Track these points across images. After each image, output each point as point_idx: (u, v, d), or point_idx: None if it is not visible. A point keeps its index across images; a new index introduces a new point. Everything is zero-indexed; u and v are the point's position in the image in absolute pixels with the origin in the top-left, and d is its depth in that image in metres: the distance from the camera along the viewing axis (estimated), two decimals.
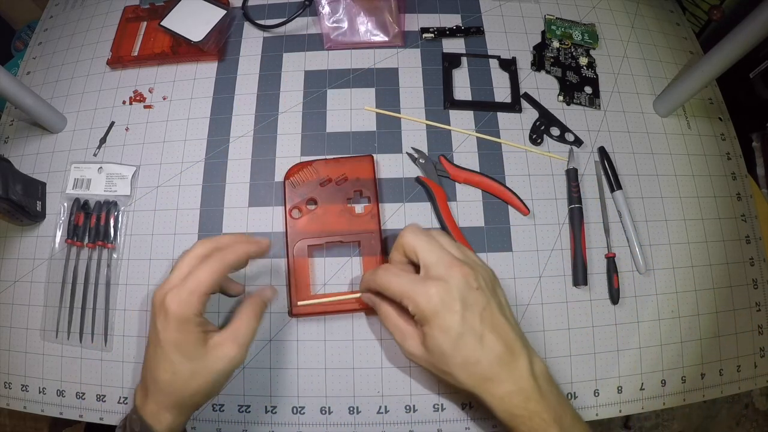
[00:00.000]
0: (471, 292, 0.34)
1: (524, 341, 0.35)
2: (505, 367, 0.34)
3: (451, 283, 0.34)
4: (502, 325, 0.35)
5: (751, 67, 0.65)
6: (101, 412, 0.44)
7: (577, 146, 0.50)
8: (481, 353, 0.33)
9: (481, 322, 0.34)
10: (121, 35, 0.57)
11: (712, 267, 0.48)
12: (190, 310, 0.33)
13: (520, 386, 0.33)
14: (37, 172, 0.51)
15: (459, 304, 0.33)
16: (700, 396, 0.45)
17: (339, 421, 0.42)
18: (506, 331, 0.34)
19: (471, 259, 0.37)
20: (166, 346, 0.33)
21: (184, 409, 0.35)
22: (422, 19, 0.56)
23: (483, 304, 0.34)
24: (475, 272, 0.35)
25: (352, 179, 0.46)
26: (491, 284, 0.36)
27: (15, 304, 0.47)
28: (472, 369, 0.34)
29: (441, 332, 0.34)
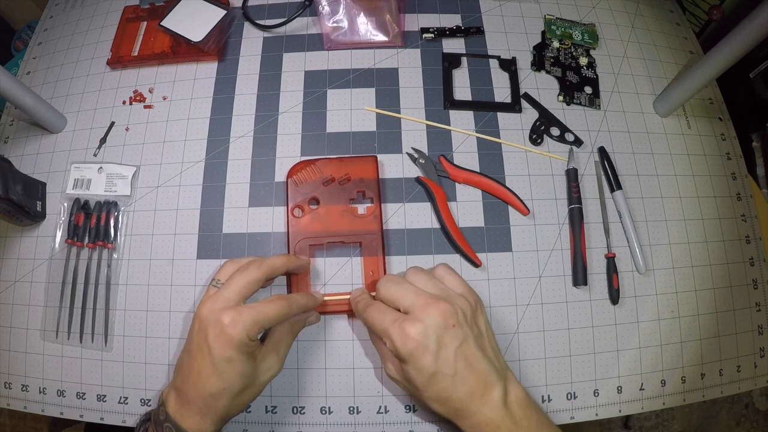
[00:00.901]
0: (447, 331, 0.35)
1: (500, 371, 0.36)
2: (476, 400, 0.35)
3: (427, 323, 0.35)
4: (476, 359, 0.35)
5: (751, 67, 0.65)
6: (101, 412, 0.44)
7: (577, 146, 0.50)
8: (452, 390, 0.35)
9: (455, 359, 0.35)
10: (121, 35, 0.57)
11: (712, 267, 0.48)
12: (251, 336, 0.34)
13: (490, 417, 0.34)
14: (37, 172, 0.51)
15: (434, 345, 0.34)
16: (700, 396, 0.45)
17: (339, 421, 0.42)
18: (480, 366, 0.35)
19: (448, 292, 0.38)
20: (219, 362, 0.33)
21: (226, 419, 0.36)
22: (422, 19, 0.56)
23: (459, 341, 0.35)
24: (454, 307, 0.36)
25: (356, 179, 0.46)
26: (471, 315, 0.37)
27: (15, 304, 0.47)
28: (444, 403, 0.35)
29: (416, 371, 0.35)
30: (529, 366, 0.44)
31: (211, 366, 0.33)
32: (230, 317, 0.33)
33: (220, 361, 0.33)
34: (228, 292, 0.35)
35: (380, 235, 0.45)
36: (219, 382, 0.34)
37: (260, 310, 0.35)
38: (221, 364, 0.33)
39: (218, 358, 0.33)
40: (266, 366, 0.37)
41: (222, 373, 0.34)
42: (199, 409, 0.34)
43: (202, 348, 0.34)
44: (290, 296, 0.38)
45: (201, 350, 0.34)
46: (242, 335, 0.33)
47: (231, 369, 0.34)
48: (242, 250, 0.46)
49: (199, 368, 0.34)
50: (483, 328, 0.38)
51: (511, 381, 0.37)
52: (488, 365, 0.36)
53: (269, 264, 0.38)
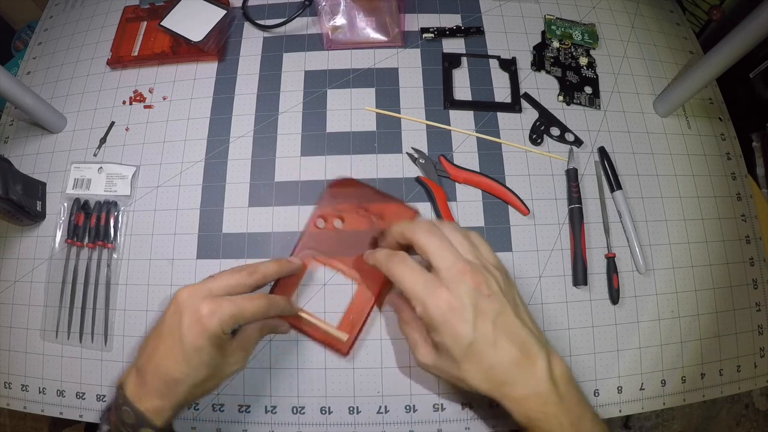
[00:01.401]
0: (482, 299, 0.33)
1: (542, 342, 0.35)
2: (522, 370, 0.33)
3: (462, 290, 0.33)
4: (517, 329, 0.34)
5: (751, 67, 0.65)
6: (101, 412, 0.44)
7: (577, 146, 0.50)
8: (495, 359, 0.33)
9: (494, 329, 0.33)
10: (121, 35, 0.57)
11: (712, 267, 0.48)
12: (225, 329, 0.34)
13: (538, 390, 0.33)
14: (37, 172, 0.51)
15: (470, 313, 0.33)
16: (700, 396, 0.45)
17: (339, 421, 0.42)
18: (522, 335, 0.34)
19: (484, 261, 0.36)
20: (189, 350, 0.33)
21: (183, 405, 0.35)
22: (422, 19, 0.56)
23: (497, 311, 0.34)
24: (487, 278, 0.34)
25: (388, 222, 0.44)
26: (506, 286, 0.35)
27: (15, 304, 0.47)
28: (487, 374, 0.33)
29: (452, 340, 0.33)
30: None
31: (179, 352, 0.33)
32: (209, 307, 0.33)
33: (190, 349, 0.33)
34: (213, 284, 0.35)
35: (381, 285, 0.43)
36: (185, 369, 0.33)
37: (240, 305, 0.34)
38: (190, 351, 0.33)
39: (188, 346, 0.33)
40: (233, 360, 0.36)
41: (189, 360, 0.33)
42: (158, 392, 0.34)
43: (173, 332, 0.33)
44: (271, 297, 0.37)
45: (172, 334, 0.33)
46: (217, 327, 0.33)
47: (199, 358, 0.33)
48: (242, 250, 0.46)
49: (166, 351, 0.33)
50: (518, 300, 0.36)
51: (553, 354, 0.35)
52: (529, 334, 0.34)
53: (262, 272, 0.38)
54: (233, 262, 0.46)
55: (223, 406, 0.43)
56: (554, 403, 0.33)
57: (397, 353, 0.43)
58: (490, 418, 0.42)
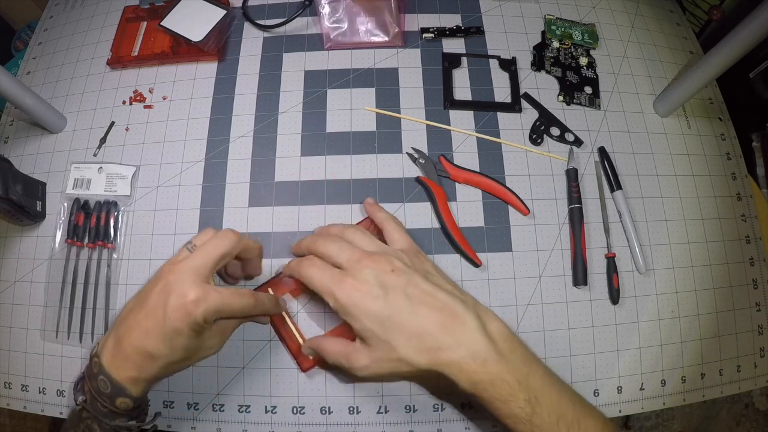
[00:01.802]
0: (386, 275, 0.35)
1: (467, 303, 0.35)
2: (451, 332, 0.33)
3: (364, 273, 0.35)
4: (432, 293, 0.35)
5: (751, 67, 0.65)
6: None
7: (577, 146, 0.50)
8: (418, 326, 0.33)
9: (408, 299, 0.34)
10: (121, 35, 0.57)
11: (712, 267, 0.48)
12: (208, 320, 0.34)
13: (473, 348, 0.33)
14: (37, 172, 0.51)
15: (378, 289, 0.34)
16: (700, 396, 0.45)
17: (339, 421, 0.42)
18: (440, 297, 0.35)
19: (384, 248, 0.38)
20: (169, 331, 0.33)
21: (154, 382, 0.36)
22: (422, 19, 0.56)
23: (405, 282, 0.35)
24: (388, 258, 0.36)
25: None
26: (410, 261, 0.37)
27: (15, 304, 0.47)
28: (418, 343, 0.33)
29: (370, 321, 0.34)
30: None
31: (160, 330, 0.33)
32: (195, 295, 0.33)
33: (170, 331, 0.33)
34: (198, 260, 0.34)
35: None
36: (162, 349, 0.33)
37: (227, 300, 0.34)
38: (170, 333, 0.33)
39: (169, 327, 0.33)
40: (209, 345, 0.37)
41: (168, 341, 0.33)
42: (135, 364, 0.34)
43: (157, 311, 0.33)
44: (258, 296, 0.37)
45: (155, 313, 0.33)
46: (201, 316, 0.33)
47: (177, 340, 0.33)
48: None
49: (148, 328, 0.33)
50: (431, 269, 0.38)
51: (485, 313, 0.35)
52: (448, 296, 0.35)
53: (244, 243, 0.38)
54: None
55: (223, 406, 0.43)
56: (495, 361, 0.32)
57: None
58: (490, 418, 0.42)
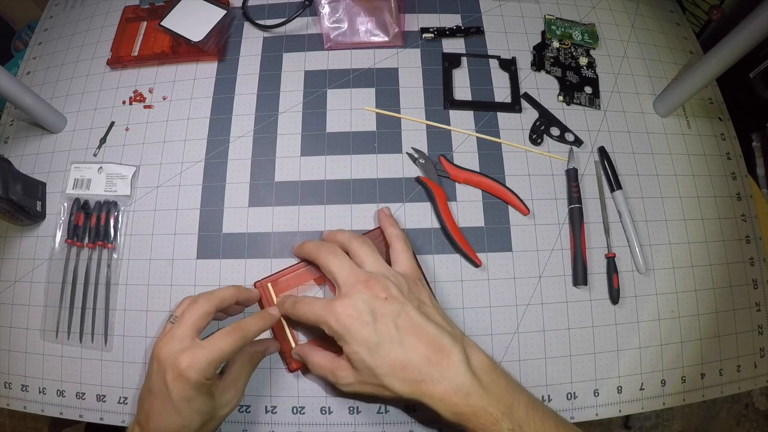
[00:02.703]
0: (379, 303, 0.35)
1: (454, 336, 0.35)
2: (436, 366, 0.34)
3: (356, 298, 0.36)
4: (422, 325, 0.35)
5: (751, 67, 0.65)
6: (101, 412, 0.44)
7: (577, 146, 0.50)
8: (404, 357, 0.34)
9: (396, 328, 0.35)
10: (121, 35, 0.57)
11: (712, 267, 0.48)
12: (207, 376, 0.34)
13: (457, 383, 0.33)
14: (37, 172, 0.51)
15: (368, 316, 0.35)
16: (700, 396, 0.45)
17: (339, 421, 0.42)
18: (429, 331, 0.35)
19: (385, 271, 0.38)
20: (178, 402, 0.34)
21: None
22: (422, 19, 0.56)
23: (396, 311, 0.35)
24: (384, 283, 0.36)
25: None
26: (408, 290, 0.37)
27: (15, 304, 0.47)
28: (402, 374, 0.34)
29: (359, 345, 0.35)
30: (529, 366, 0.44)
31: (170, 406, 0.34)
32: (186, 361, 0.33)
33: (179, 401, 0.34)
34: (181, 329, 0.35)
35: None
36: (179, 420, 0.34)
37: (215, 347, 0.34)
38: (180, 403, 0.34)
39: (177, 399, 0.34)
40: (224, 401, 0.37)
41: (181, 411, 0.34)
42: None
43: (161, 389, 0.34)
44: (243, 323, 0.37)
45: (161, 391, 0.34)
46: (199, 377, 0.34)
47: (189, 408, 0.34)
48: (242, 250, 0.46)
49: (160, 408, 0.34)
50: (425, 299, 0.38)
51: (470, 346, 0.36)
52: (437, 329, 0.35)
53: (218, 296, 0.38)
54: (233, 262, 0.46)
55: None
56: (478, 395, 0.33)
57: None
58: None
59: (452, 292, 0.45)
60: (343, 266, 0.38)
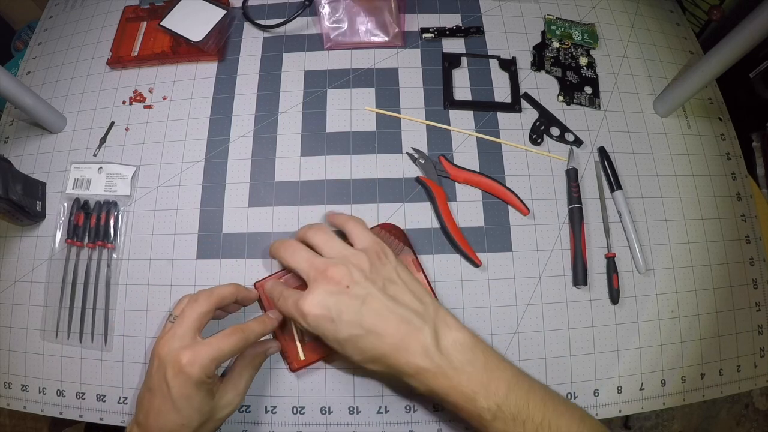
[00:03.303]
0: (342, 295, 0.35)
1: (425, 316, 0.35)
2: (403, 351, 0.34)
3: (319, 292, 0.35)
4: (387, 310, 0.35)
5: (751, 67, 0.65)
6: (101, 412, 0.44)
7: (577, 146, 0.50)
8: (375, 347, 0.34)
9: (361, 318, 0.34)
10: (121, 35, 0.57)
11: (712, 267, 0.48)
12: (208, 374, 0.34)
13: (423, 365, 0.33)
14: (37, 172, 0.51)
15: (334, 312, 0.35)
16: (700, 396, 0.45)
17: (339, 421, 0.42)
18: (395, 314, 0.35)
19: (343, 252, 0.37)
20: (178, 400, 0.34)
21: None
22: (422, 19, 0.56)
23: (360, 299, 0.35)
24: (344, 269, 0.36)
25: None
26: (370, 269, 0.36)
27: (15, 304, 0.47)
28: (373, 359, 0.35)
29: (330, 341, 0.35)
30: (529, 366, 0.44)
31: (170, 403, 0.34)
32: (187, 357, 0.33)
33: (179, 399, 0.34)
34: (182, 328, 0.35)
35: None
36: (178, 418, 0.34)
37: (216, 346, 0.35)
38: (180, 401, 0.34)
39: (177, 396, 0.34)
40: (225, 402, 0.37)
41: (181, 409, 0.34)
42: None
43: (161, 386, 0.34)
44: (246, 326, 0.37)
45: (161, 388, 0.34)
46: (200, 374, 0.34)
47: (189, 406, 0.34)
48: (242, 250, 0.46)
49: (159, 406, 0.34)
50: (393, 276, 0.37)
51: (444, 324, 0.35)
52: (405, 311, 0.35)
53: (217, 293, 0.38)
54: (233, 262, 0.46)
55: None
56: (447, 376, 0.33)
57: None
58: None
59: (452, 292, 0.45)
60: (302, 260, 0.38)
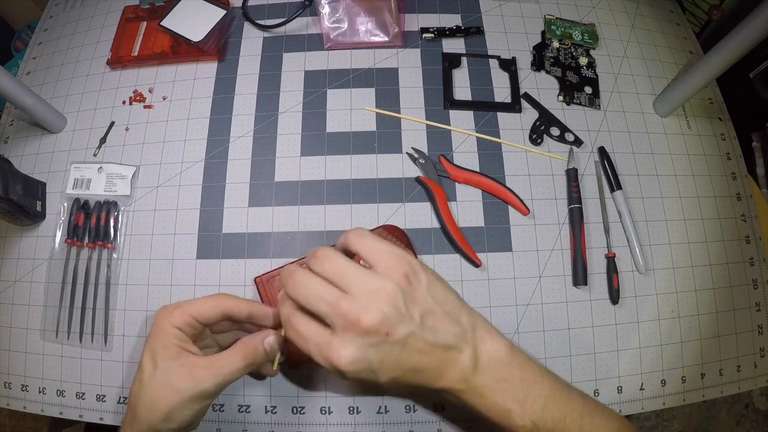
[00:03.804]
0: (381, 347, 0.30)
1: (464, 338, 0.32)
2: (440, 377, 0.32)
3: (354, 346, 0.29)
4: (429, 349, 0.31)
5: (751, 67, 0.65)
6: (101, 412, 0.44)
7: (577, 146, 0.50)
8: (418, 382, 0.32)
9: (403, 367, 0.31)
10: (121, 35, 0.57)
11: (712, 267, 0.48)
12: (172, 321, 0.33)
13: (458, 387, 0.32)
14: (37, 172, 0.51)
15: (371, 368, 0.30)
16: (700, 396, 0.45)
17: (339, 421, 0.42)
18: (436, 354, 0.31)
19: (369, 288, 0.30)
20: (144, 354, 0.33)
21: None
22: (422, 19, 0.56)
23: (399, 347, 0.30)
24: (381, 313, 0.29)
25: None
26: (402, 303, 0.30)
27: (15, 304, 0.47)
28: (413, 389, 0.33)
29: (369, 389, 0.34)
30: None
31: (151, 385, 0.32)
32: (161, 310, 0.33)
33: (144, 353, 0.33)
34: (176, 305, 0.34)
35: None
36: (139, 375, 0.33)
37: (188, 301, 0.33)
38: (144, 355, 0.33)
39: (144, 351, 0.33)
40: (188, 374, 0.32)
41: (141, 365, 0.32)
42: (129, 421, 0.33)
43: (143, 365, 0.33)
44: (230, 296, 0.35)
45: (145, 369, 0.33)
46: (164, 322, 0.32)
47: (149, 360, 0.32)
48: (242, 250, 0.46)
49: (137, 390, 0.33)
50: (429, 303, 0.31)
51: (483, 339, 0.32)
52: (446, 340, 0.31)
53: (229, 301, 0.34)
54: (233, 262, 0.46)
55: (223, 406, 0.43)
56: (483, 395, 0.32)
57: None
58: None
59: None
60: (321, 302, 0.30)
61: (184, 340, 0.33)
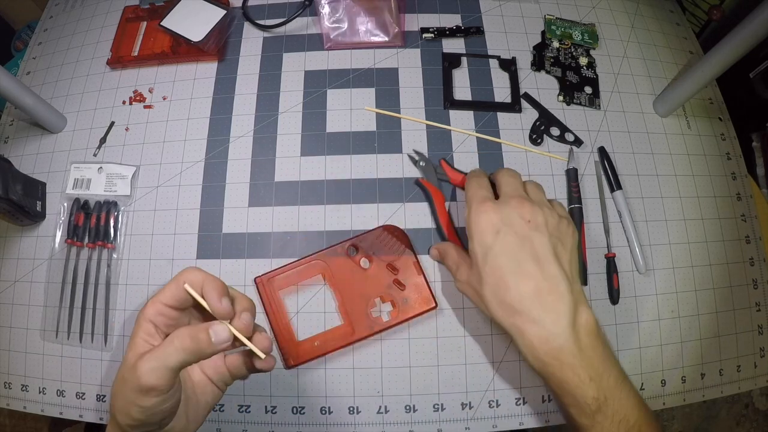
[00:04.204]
0: (519, 221, 0.35)
1: (572, 288, 0.34)
2: (539, 305, 0.32)
3: (504, 210, 0.36)
4: (547, 260, 0.34)
5: (751, 67, 0.65)
6: (101, 412, 0.44)
7: (577, 146, 0.50)
8: (512, 279, 0.33)
9: (521, 247, 0.34)
10: (121, 35, 0.57)
11: (712, 267, 0.48)
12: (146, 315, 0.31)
13: (552, 332, 0.32)
14: (37, 172, 0.51)
15: (501, 224, 0.35)
16: (700, 396, 0.45)
17: (339, 421, 0.42)
18: (551, 268, 0.34)
19: (543, 201, 0.38)
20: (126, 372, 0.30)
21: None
22: (422, 19, 0.56)
23: (528, 233, 0.35)
24: (535, 211, 0.36)
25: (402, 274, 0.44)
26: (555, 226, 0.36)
27: (15, 304, 0.47)
28: (503, 296, 0.33)
29: (479, 245, 0.35)
30: None
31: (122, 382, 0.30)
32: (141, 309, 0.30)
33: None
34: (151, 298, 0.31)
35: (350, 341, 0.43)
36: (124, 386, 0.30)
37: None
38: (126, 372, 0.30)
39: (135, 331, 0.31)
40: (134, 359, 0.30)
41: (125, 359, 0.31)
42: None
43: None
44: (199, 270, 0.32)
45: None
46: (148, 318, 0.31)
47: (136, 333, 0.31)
48: (242, 250, 0.46)
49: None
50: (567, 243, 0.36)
51: (582, 304, 0.34)
52: (558, 271, 0.33)
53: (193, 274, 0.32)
54: (233, 262, 0.46)
55: (223, 406, 0.43)
56: (571, 353, 0.32)
57: (397, 353, 0.43)
58: (489, 418, 0.42)
59: (452, 293, 0.45)
60: (514, 184, 0.38)
61: (151, 334, 0.31)
